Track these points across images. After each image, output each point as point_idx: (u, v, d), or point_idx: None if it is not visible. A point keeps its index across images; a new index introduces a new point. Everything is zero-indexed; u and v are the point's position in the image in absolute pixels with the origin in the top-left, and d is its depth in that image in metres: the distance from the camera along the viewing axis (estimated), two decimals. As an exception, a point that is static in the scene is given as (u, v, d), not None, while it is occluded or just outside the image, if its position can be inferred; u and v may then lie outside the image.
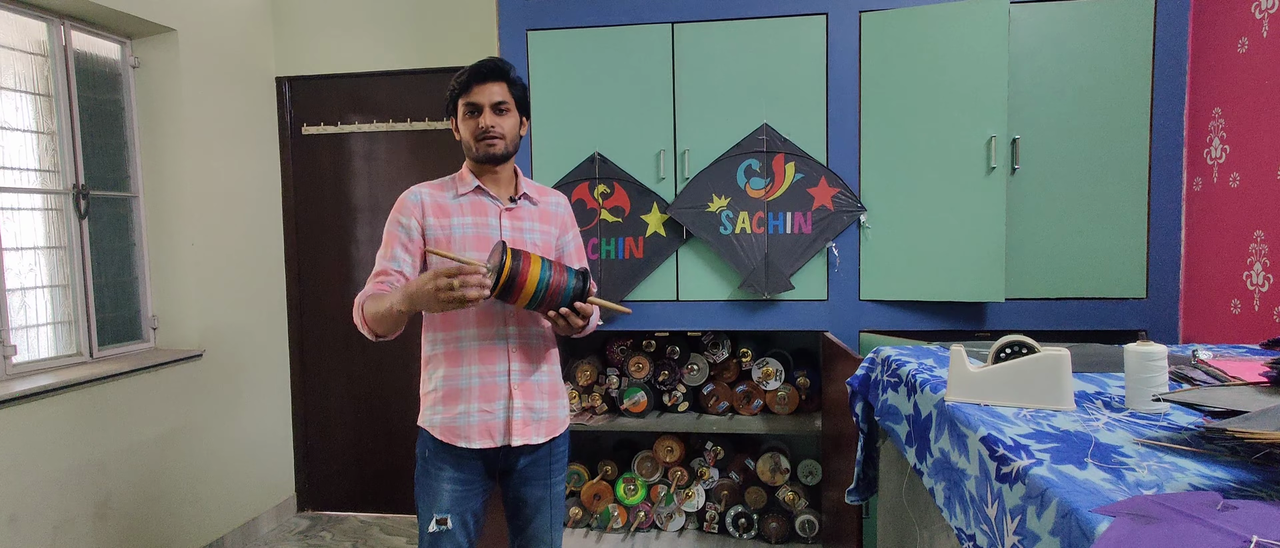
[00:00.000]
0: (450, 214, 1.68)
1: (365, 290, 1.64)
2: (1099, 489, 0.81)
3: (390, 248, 1.67)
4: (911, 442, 1.38)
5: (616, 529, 2.84)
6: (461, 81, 1.68)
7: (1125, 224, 2.32)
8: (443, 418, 1.66)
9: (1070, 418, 1.10)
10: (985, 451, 1.01)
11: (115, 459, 2.57)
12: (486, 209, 1.70)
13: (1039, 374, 1.16)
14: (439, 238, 1.65)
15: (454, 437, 1.65)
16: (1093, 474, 0.86)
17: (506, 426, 1.66)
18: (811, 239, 2.46)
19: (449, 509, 1.65)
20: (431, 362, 1.69)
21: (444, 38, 3.19)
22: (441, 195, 1.70)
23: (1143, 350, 1.11)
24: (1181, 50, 2.25)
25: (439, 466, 1.66)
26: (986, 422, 1.08)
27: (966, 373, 1.21)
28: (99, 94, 2.74)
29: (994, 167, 2.27)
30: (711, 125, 2.50)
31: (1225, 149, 2.09)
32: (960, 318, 2.42)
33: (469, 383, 1.65)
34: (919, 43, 2.34)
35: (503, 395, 1.67)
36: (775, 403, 2.76)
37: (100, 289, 2.71)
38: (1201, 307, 2.21)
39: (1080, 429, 1.03)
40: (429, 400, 1.69)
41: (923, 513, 1.39)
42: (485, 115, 1.65)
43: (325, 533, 3.28)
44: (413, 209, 1.67)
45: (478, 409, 1.65)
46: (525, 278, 1.50)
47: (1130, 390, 1.14)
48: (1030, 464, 0.90)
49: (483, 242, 1.67)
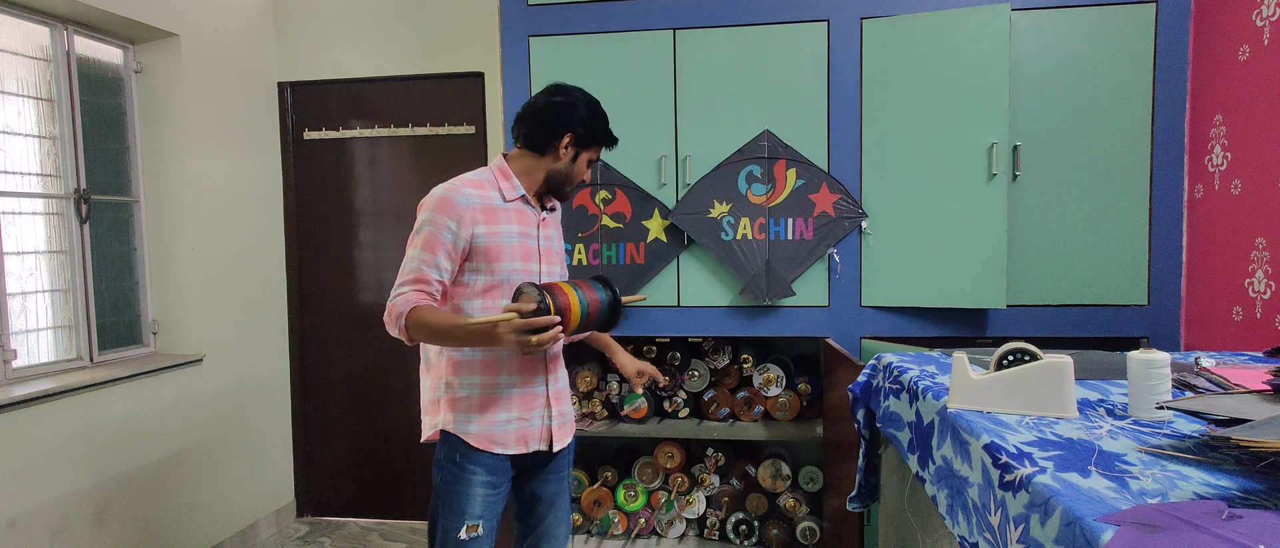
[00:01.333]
0: (499, 220, 1.62)
1: (406, 297, 1.54)
2: (1103, 498, 0.81)
3: (433, 253, 1.56)
4: (913, 449, 1.38)
5: (617, 536, 2.83)
6: (607, 137, 1.74)
7: (1127, 231, 2.32)
8: (480, 426, 1.63)
9: (1073, 426, 1.09)
10: (988, 458, 1.01)
11: (114, 465, 2.56)
12: (529, 218, 1.68)
13: (1042, 382, 1.16)
14: (489, 247, 1.59)
15: (491, 444, 1.63)
16: (1096, 483, 0.86)
17: (545, 432, 1.70)
18: (813, 245, 2.46)
19: (480, 515, 1.63)
20: (464, 368, 1.63)
21: (446, 43, 3.20)
22: (488, 195, 1.63)
23: (1145, 358, 1.11)
24: (1182, 57, 2.25)
25: (473, 471, 1.63)
26: (989, 429, 1.08)
27: (969, 380, 1.21)
28: (101, 99, 2.74)
29: (995, 173, 2.27)
30: (713, 131, 2.50)
31: (1227, 156, 2.09)
32: (962, 324, 2.41)
33: (509, 392, 1.65)
34: (920, 49, 2.34)
35: (541, 405, 1.69)
36: (776, 409, 2.75)
37: (101, 294, 2.70)
38: (1203, 314, 2.20)
39: (1083, 437, 1.03)
40: (460, 406, 1.63)
41: (925, 521, 1.38)
42: (590, 171, 1.75)
43: (324, 539, 3.27)
44: (464, 214, 1.57)
45: (517, 417, 1.66)
46: (569, 313, 1.51)
47: (1133, 398, 1.13)
48: (1033, 472, 0.90)
49: (526, 253, 1.66)
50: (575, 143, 1.68)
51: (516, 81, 2.58)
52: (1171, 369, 1.16)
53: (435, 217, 1.56)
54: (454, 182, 1.61)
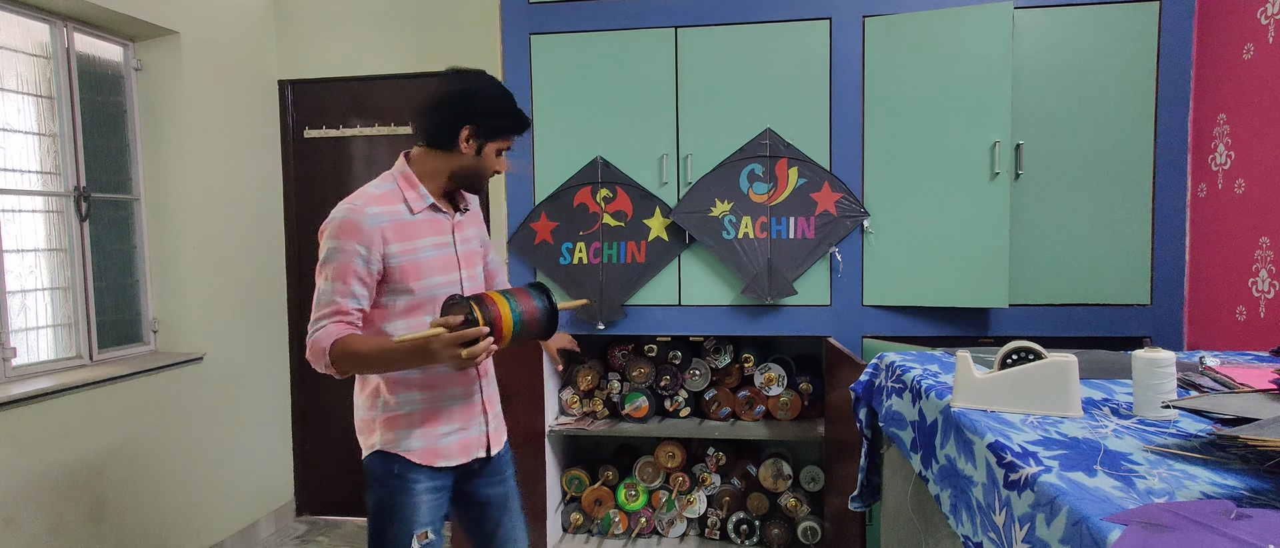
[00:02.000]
0: (412, 236, 1.53)
1: (326, 331, 1.46)
2: (1109, 497, 0.80)
3: (345, 282, 1.46)
4: (917, 448, 1.37)
5: (618, 535, 2.82)
6: (518, 124, 1.59)
7: (1129, 230, 2.31)
8: (422, 441, 1.58)
9: (1078, 425, 1.09)
10: (992, 457, 1.00)
11: (113, 463, 2.55)
12: (442, 226, 1.60)
13: (1046, 381, 1.15)
14: (406, 266, 1.50)
15: (435, 458, 1.60)
16: (1103, 482, 0.85)
17: (483, 438, 1.69)
18: (815, 244, 2.45)
19: (428, 521, 1.60)
20: (400, 384, 1.57)
21: (446, 41, 3.19)
22: (396, 211, 1.52)
23: (1151, 357, 1.10)
24: (1186, 56, 2.24)
25: (414, 480, 1.58)
26: (993, 428, 1.07)
27: (973, 379, 1.20)
28: (101, 96, 2.73)
29: (998, 172, 2.26)
30: (714, 130, 2.49)
31: (1230, 155, 2.08)
32: (963, 324, 2.41)
33: (449, 405, 1.62)
34: (923, 48, 2.33)
35: (478, 412, 1.68)
36: (778, 409, 2.75)
37: (101, 292, 2.70)
38: (1206, 314, 2.20)
39: (1088, 436, 1.02)
40: (399, 423, 1.57)
41: (928, 520, 1.38)
42: (505, 161, 1.63)
43: (323, 538, 3.26)
44: (373, 237, 1.46)
45: (458, 429, 1.63)
46: (501, 323, 1.46)
47: (1138, 397, 1.13)
48: (1039, 472, 0.89)
49: (446, 263, 1.59)
50: (476, 135, 1.55)
51: (518, 80, 2.57)
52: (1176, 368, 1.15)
53: (342, 244, 1.45)
54: (355, 201, 1.48)
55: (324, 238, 1.48)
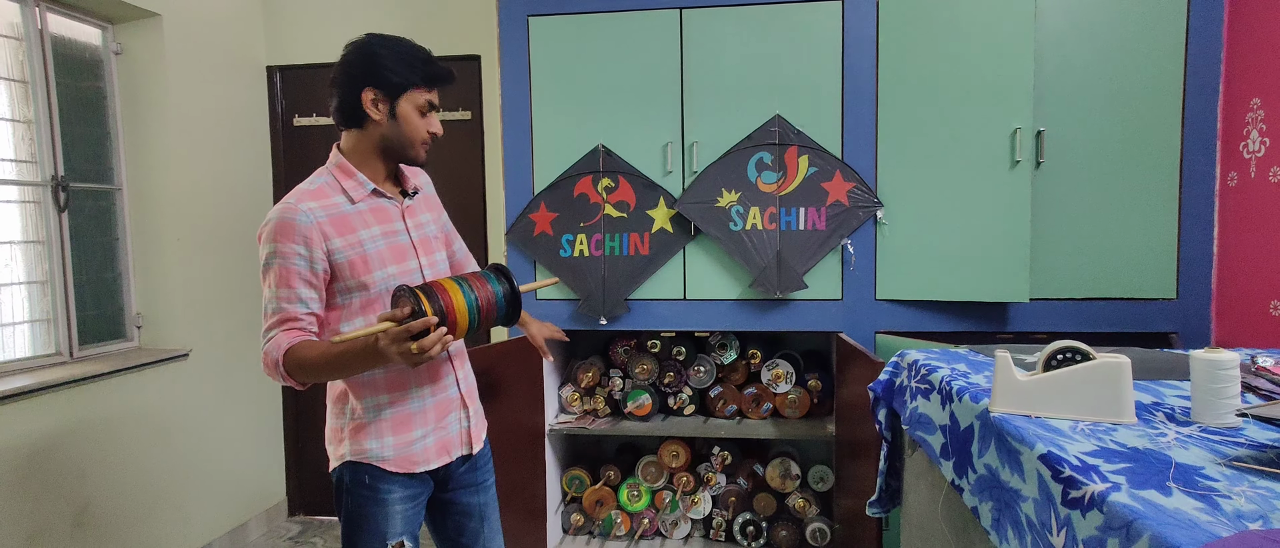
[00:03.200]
0: (355, 227, 1.41)
1: (276, 341, 1.36)
2: (1194, 521, 0.70)
3: (290, 287, 1.36)
4: (948, 455, 1.27)
5: (620, 537, 2.73)
6: (428, 74, 1.42)
7: (1155, 221, 2.21)
8: (396, 448, 1.46)
9: (1134, 433, 0.99)
10: (1046, 470, 0.90)
11: (95, 464, 2.45)
12: (388, 213, 1.48)
13: (1096, 384, 1.05)
14: (353, 260, 1.39)
15: (412, 464, 1.48)
16: (1182, 502, 0.75)
17: (463, 436, 1.57)
18: (826, 236, 2.35)
19: (403, 532, 1.49)
20: (367, 388, 1.45)
21: (442, 25, 3.07)
22: (334, 205, 1.40)
23: (1212, 359, 1.01)
24: (1216, 38, 2.14)
25: (387, 490, 1.47)
26: (1043, 437, 0.97)
27: (1014, 382, 1.10)
28: (79, 81, 2.61)
29: (1019, 160, 2.16)
30: (721, 117, 2.39)
31: (1265, 142, 1.98)
32: (981, 319, 2.31)
33: (422, 405, 1.49)
34: (940, 29, 2.23)
35: (455, 407, 1.55)
36: (785, 406, 2.65)
37: (81, 286, 2.59)
38: (1237, 308, 2.10)
39: (1150, 447, 0.93)
40: (370, 432, 1.45)
41: (961, 532, 1.28)
42: (434, 119, 1.44)
43: (317, 539, 3.16)
44: (311, 235, 1.35)
45: (434, 429, 1.51)
46: (454, 314, 1.33)
47: (1197, 402, 1.03)
48: (1107, 489, 0.79)
49: (398, 252, 1.46)
50: (384, 95, 1.41)
51: (515, 65, 2.46)
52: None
53: (279, 246, 1.35)
54: (288, 200, 1.38)
55: (261, 243, 1.38)
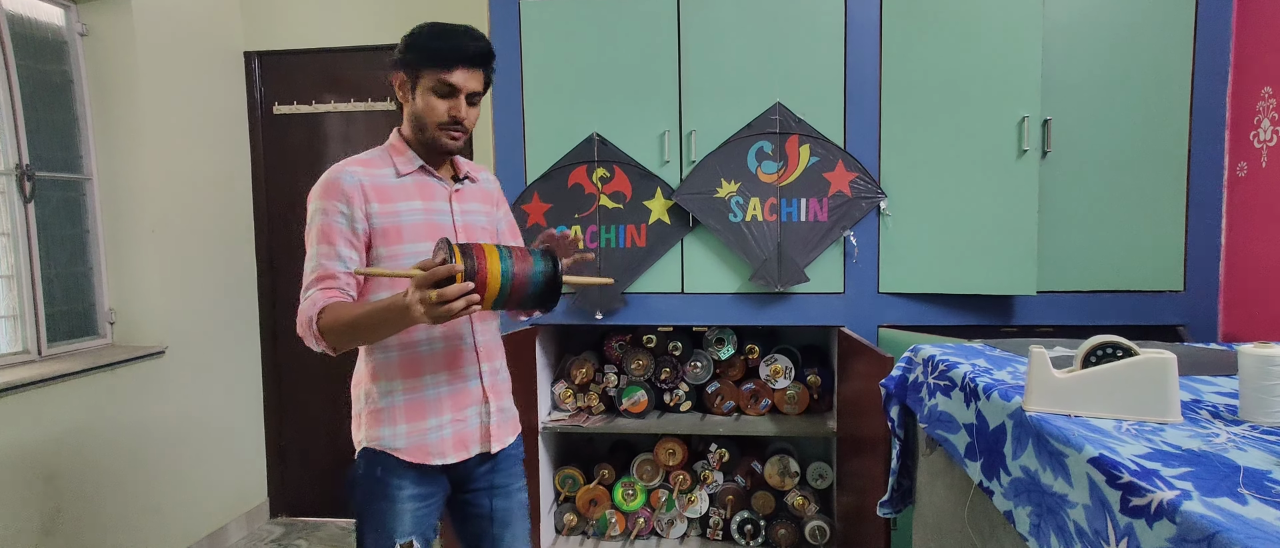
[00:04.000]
0: (395, 197, 1.41)
1: (312, 299, 1.35)
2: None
3: (331, 244, 1.37)
4: (974, 455, 1.21)
5: (614, 537, 2.66)
6: (443, 52, 1.39)
7: (1163, 212, 2.17)
8: (409, 437, 1.42)
9: (1183, 433, 0.93)
10: (1100, 475, 0.84)
11: (66, 468, 2.34)
12: (435, 191, 1.47)
13: (1140, 380, 0.99)
14: (387, 228, 1.39)
15: (426, 455, 1.43)
16: (1262, 511, 0.69)
17: (482, 432, 1.50)
18: (827, 227, 2.29)
19: (412, 532, 1.43)
20: (382, 372, 1.43)
21: (428, 9, 2.95)
22: (380, 173, 1.42)
23: (1265, 354, 0.95)
24: (1225, 26, 2.10)
25: (398, 485, 1.43)
26: (1090, 439, 0.91)
27: (1051, 379, 1.04)
28: (42, 64, 2.48)
29: (1026, 149, 2.11)
30: (720, 104, 2.31)
31: (1276, 131, 1.95)
32: (986, 312, 2.26)
33: (437, 392, 1.44)
34: (945, 15, 2.17)
35: (476, 400, 1.48)
36: (784, 402, 2.59)
37: (49, 280, 2.46)
38: (1245, 300, 2.07)
39: (1206, 449, 0.87)
40: (384, 417, 1.43)
41: (989, 536, 1.22)
42: (460, 105, 1.41)
43: (301, 541, 3.07)
44: (352, 194, 1.37)
45: (451, 420, 1.45)
46: (485, 275, 1.25)
47: (1247, 399, 0.98)
48: (1176, 497, 0.73)
49: (434, 230, 1.44)
50: (407, 77, 1.42)
51: (506, 49, 2.37)
52: None
53: (324, 204, 1.38)
54: (339, 163, 1.42)
55: (309, 204, 1.42)
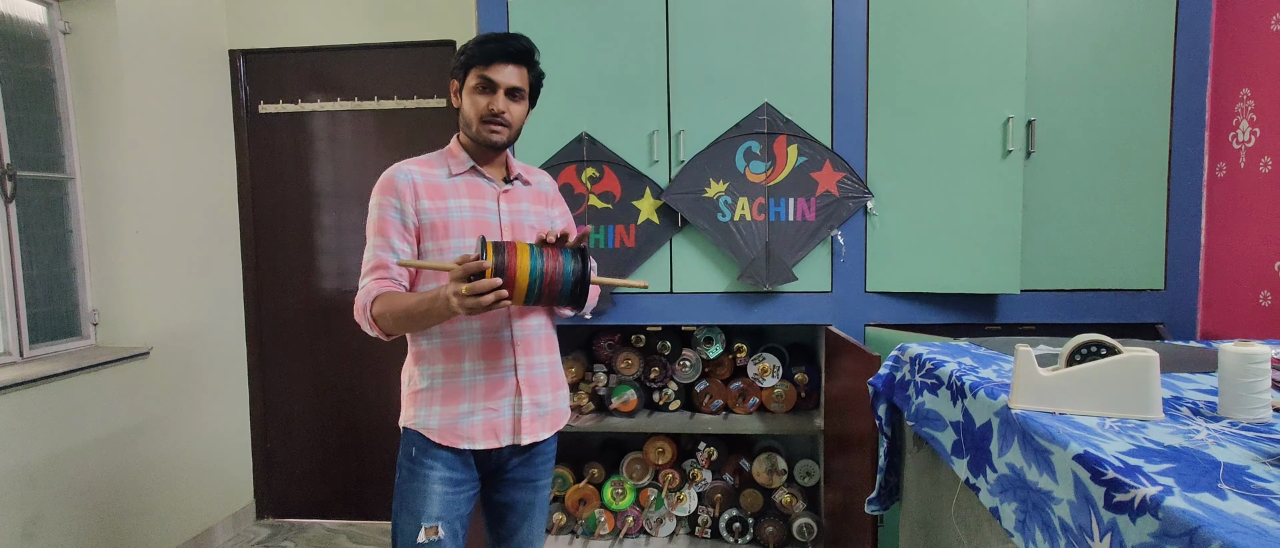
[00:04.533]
0: (446, 195, 1.52)
1: (367, 289, 1.47)
2: (1263, 528, 0.66)
3: (386, 236, 1.49)
4: (961, 453, 1.23)
5: (603, 536, 2.66)
6: (485, 51, 1.49)
7: (1144, 212, 2.20)
8: (442, 419, 1.51)
9: (1166, 430, 0.95)
10: (1084, 471, 0.86)
11: (48, 471, 2.31)
12: (484, 191, 1.56)
13: (1124, 378, 1.01)
14: (436, 223, 1.50)
15: (456, 438, 1.51)
16: (1241, 506, 0.71)
17: (514, 423, 1.56)
18: (815, 227, 2.31)
19: (440, 516, 1.52)
20: (425, 357, 1.53)
21: (415, 9, 2.96)
22: (433, 173, 1.54)
23: (1244, 352, 0.97)
24: (1205, 28, 2.13)
25: (429, 465, 1.51)
26: (1075, 436, 0.93)
27: (1036, 377, 1.06)
28: (23, 62, 2.45)
29: (1011, 150, 2.14)
30: (708, 104, 2.32)
31: (1255, 132, 1.98)
32: (971, 311, 2.29)
33: (473, 380, 1.52)
34: (931, 16, 2.19)
35: (509, 392, 1.55)
36: (772, 401, 2.61)
37: (31, 281, 2.44)
38: (1224, 299, 2.11)
39: (1187, 445, 0.89)
40: (422, 399, 1.53)
41: (974, 532, 1.24)
42: (499, 99, 1.51)
43: (287, 543, 3.05)
44: (405, 190, 1.49)
45: (483, 407, 1.52)
46: (515, 272, 1.33)
47: (1226, 397, 1.00)
48: (1159, 493, 0.74)
49: (482, 227, 1.53)
50: (457, 81, 1.56)
51: (495, 48, 2.37)
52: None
53: (380, 199, 1.51)
54: (399, 162, 1.56)
55: (371, 200, 1.54)
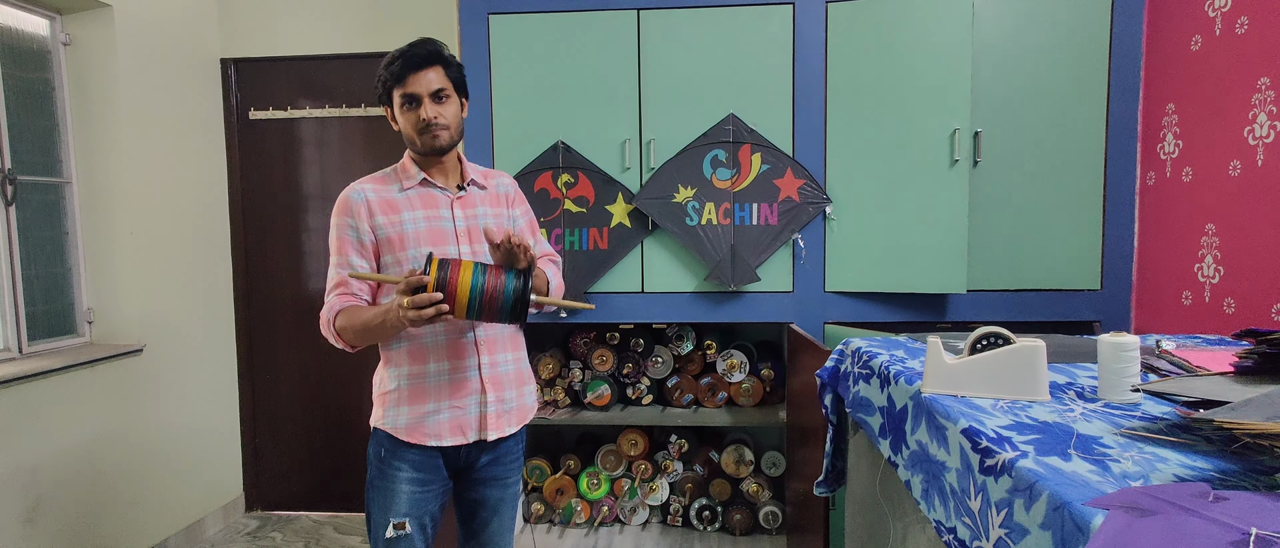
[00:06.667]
0: (399, 209, 1.58)
1: (330, 305, 1.56)
2: (1087, 482, 0.80)
3: (344, 255, 1.57)
4: (885, 434, 1.37)
5: (580, 524, 2.80)
6: (394, 71, 1.53)
7: (1082, 217, 2.36)
8: (408, 418, 1.57)
9: (1047, 409, 1.10)
10: (967, 443, 1.00)
11: (47, 462, 2.42)
12: (436, 200, 1.61)
13: (1015, 366, 1.16)
14: (391, 237, 1.56)
15: (423, 436, 1.57)
16: (1078, 466, 0.85)
17: (480, 420, 1.61)
18: (778, 231, 2.45)
19: (407, 513, 1.58)
20: (393, 360, 1.60)
21: (401, 19, 3.08)
22: (386, 190, 1.60)
23: (1116, 342, 1.12)
24: (1136, 47, 2.29)
25: (397, 466, 1.58)
26: (966, 414, 1.07)
27: (943, 365, 1.20)
28: (26, 72, 2.56)
29: (958, 159, 2.29)
30: (677, 115, 2.47)
31: (1178, 144, 2.14)
32: (923, 309, 2.44)
33: (438, 380, 1.58)
34: (885, 34, 2.34)
35: (474, 390, 1.60)
36: (740, 395, 2.75)
37: (30, 281, 2.54)
38: (1153, 298, 2.27)
39: (1058, 420, 1.03)
40: (390, 400, 1.60)
41: (897, 505, 1.38)
42: (426, 106, 1.54)
43: (276, 534, 3.16)
44: (359, 209, 1.57)
45: (448, 406, 1.58)
46: (454, 287, 1.40)
47: (1104, 381, 1.14)
48: (1015, 457, 0.89)
49: (437, 235, 1.58)
50: (387, 107, 1.62)
51: (475, 61, 2.50)
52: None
53: (337, 219, 1.59)
54: (354, 183, 1.63)
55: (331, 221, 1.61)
